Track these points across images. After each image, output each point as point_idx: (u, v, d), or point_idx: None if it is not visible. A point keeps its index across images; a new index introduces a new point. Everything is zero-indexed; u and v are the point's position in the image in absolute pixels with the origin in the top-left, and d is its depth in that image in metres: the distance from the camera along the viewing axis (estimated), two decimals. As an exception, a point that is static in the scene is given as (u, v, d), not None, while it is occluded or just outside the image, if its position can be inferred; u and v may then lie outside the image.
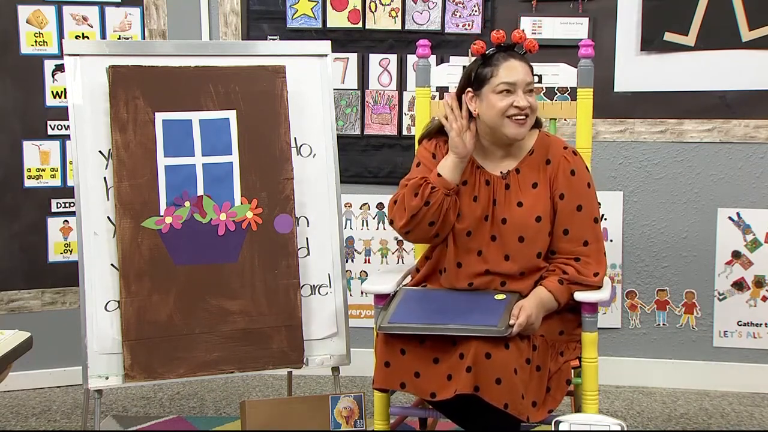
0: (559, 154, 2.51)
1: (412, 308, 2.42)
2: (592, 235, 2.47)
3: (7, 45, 3.51)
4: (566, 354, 2.44)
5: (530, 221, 2.45)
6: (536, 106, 2.46)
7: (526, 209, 2.45)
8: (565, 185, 2.48)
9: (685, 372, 3.59)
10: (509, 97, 2.42)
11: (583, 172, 2.51)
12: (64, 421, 3.28)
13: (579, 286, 2.41)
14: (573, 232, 2.46)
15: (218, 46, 3.35)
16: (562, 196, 2.47)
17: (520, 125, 2.44)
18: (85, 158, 2.78)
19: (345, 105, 3.67)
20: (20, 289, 3.59)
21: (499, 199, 2.48)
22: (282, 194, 2.91)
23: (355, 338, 3.17)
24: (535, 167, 2.50)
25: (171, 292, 2.79)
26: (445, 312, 2.37)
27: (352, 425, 2.81)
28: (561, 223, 2.47)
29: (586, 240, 2.46)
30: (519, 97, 2.42)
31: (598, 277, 2.44)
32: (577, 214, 2.47)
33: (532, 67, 2.47)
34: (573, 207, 2.47)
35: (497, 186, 2.50)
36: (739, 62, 3.44)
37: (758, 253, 3.52)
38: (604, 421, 1.92)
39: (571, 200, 2.47)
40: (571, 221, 2.46)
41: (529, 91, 2.44)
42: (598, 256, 2.46)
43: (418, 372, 2.33)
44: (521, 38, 2.47)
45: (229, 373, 2.83)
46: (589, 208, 2.49)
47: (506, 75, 2.42)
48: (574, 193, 2.48)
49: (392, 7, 3.61)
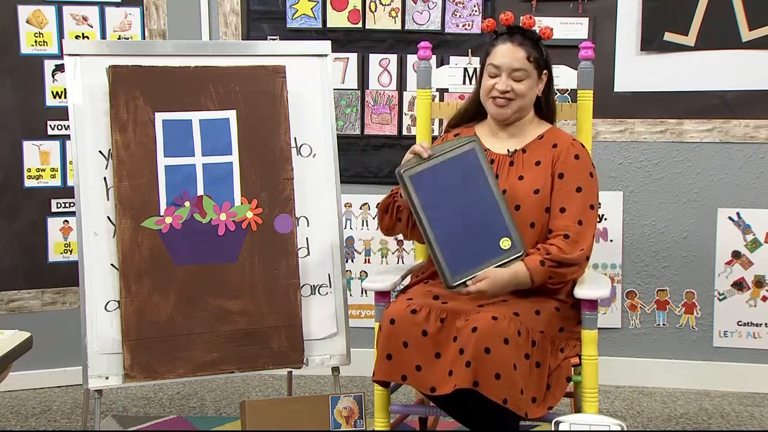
0: (567, 142, 2.59)
1: (440, 181, 2.43)
2: (587, 217, 2.50)
3: (7, 45, 3.51)
4: (566, 351, 2.45)
5: (528, 192, 2.51)
6: (522, 91, 2.53)
7: (525, 182, 2.52)
8: (567, 166, 2.53)
9: (685, 372, 3.59)
10: (494, 79, 2.54)
11: (586, 161, 2.57)
12: (64, 421, 3.28)
13: (561, 267, 2.42)
14: (570, 210, 2.49)
15: (218, 46, 3.35)
16: (561, 175, 2.52)
17: (499, 107, 2.55)
18: (85, 158, 2.78)
19: (345, 105, 3.67)
20: (20, 289, 3.59)
21: (502, 174, 2.55)
22: (282, 194, 2.91)
23: (355, 338, 3.17)
24: (541, 149, 2.58)
25: (171, 292, 2.79)
26: (451, 217, 2.42)
27: (352, 425, 2.81)
28: (558, 200, 2.51)
29: (580, 220, 2.48)
30: (501, 81, 2.52)
31: (582, 252, 2.45)
32: (575, 194, 2.50)
33: (534, 53, 2.52)
34: (572, 187, 2.51)
35: (502, 163, 2.57)
36: (739, 62, 3.45)
37: (758, 253, 3.52)
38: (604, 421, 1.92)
39: (571, 181, 2.52)
40: (569, 200, 2.50)
41: (518, 77, 2.51)
42: (586, 237, 2.48)
43: (420, 366, 2.34)
44: (530, 25, 2.55)
45: (229, 373, 2.83)
46: (589, 193, 2.52)
47: (494, 57, 2.54)
48: (575, 174, 2.53)
49: (392, 7, 3.62)
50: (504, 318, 2.29)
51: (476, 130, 2.67)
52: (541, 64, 2.55)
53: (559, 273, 2.43)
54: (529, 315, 2.37)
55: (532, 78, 2.54)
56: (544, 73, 2.58)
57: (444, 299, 2.42)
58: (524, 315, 2.35)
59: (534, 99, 2.60)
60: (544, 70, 2.58)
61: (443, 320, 2.36)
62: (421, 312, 2.37)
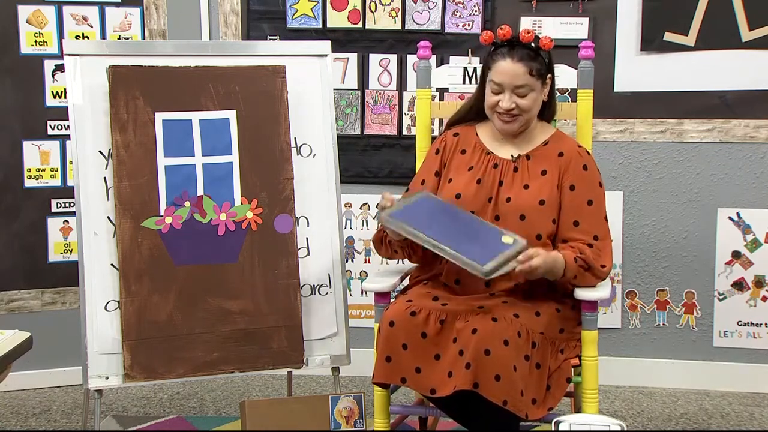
0: (573, 150, 2.56)
1: (420, 214, 2.40)
2: (602, 231, 2.50)
3: (7, 45, 3.51)
4: (566, 352, 2.44)
5: (533, 203, 2.47)
6: (527, 106, 2.50)
7: (531, 192, 2.48)
8: (577, 178, 2.51)
9: (685, 372, 3.59)
10: (497, 96, 2.50)
11: (594, 171, 2.56)
12: (64, 421, 3.28)
13: (588, 271, 2.42)
14: (584, 225, 2.48)
15: (218, 46, 3.34)
16: (572, 188, 2.50)
17: (505, 123, 2.53)
18: (85, 158, 2.78)
19: (345, 105, 3.67)
20: (20, 289, 3.59)
21: (506, 181, 2.53)
22: (282, 194, 2.91)
23: (355, 338, 3.17)
24: (547, 157, 2.55)
25: (171, 292, 2.79)
26: (448, 232, 2.36)
27: (352, 425, 2.81)
28: (570, 214, 2.49)
29: (596, 235, 2.48)
30: (504, 99, 2.49)
31: (605, 269, 2.46)
32: (587, 207, 2.49)
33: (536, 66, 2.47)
34: (583, 200, 2.50)
35: (505, 168, 2.55)
36: (739, 62, 3.44)
37: (758, 253, 3.52)
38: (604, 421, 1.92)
39: (581, 193, 2.50)
40: (581, 214, 2.49)
41: (521, 93, 2.48)
42: (607, 251, 2.48)
43: (419, 368, 2.34)
44: (529, 39, 2.48)
45: (229, 373, 2.83)
46: (600, 205, 2.52)
47: (495, 74, 2.50)
48: (586, 187, 2.51)
49: (392, 7, 3.61)
50: (504, 319, 2.29)
51: (477, 130, 2.65)
52: (543, 72, 2.50)
53: (585, 276, 2.43)
54: (529, 316, 2.37)
55: (536, 90, 2.50)
56: (548, 77, 2.54)
57: (444, 301, 2.42)
58: (524, 316, 2.35)
59: (540, 107, 2.56)
60: (548, 75, 2.54)
61: (443, 322, 2.35)
62: (421, 314, 2.36)
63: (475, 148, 2.61)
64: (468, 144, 2.63)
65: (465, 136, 2.65)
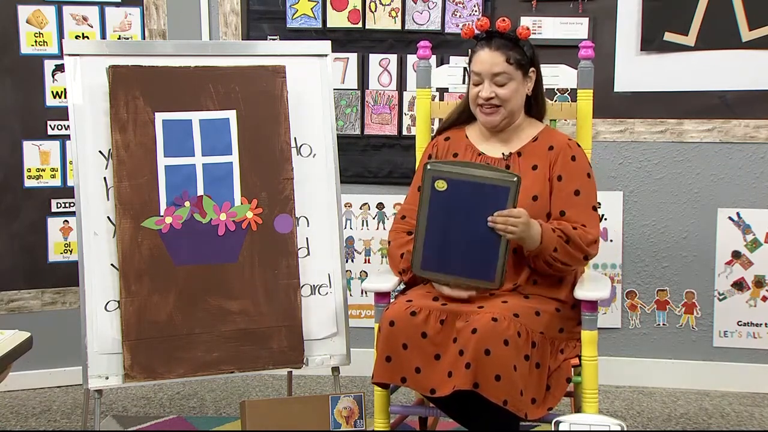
0: (563, 143, 2.57)
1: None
2: (590, 221, 2.50)
3: (7, 45, 3.51)
4: (566, 352, 2.45)
5: (527, 199, 2.47)
6: (506, 96, 2.51)
7: (523, 188, 2.45)
8: (564, 169, 2.52)
9: (685, 372, 3.59)
10: (477, 87, 2.53)
11: (583, 161, 2.56)
12: (64, 421, 3.28)
13: (570, 246, 2.41)
14: (570, 214, 2.49)
15: (218, 46, 3.34)
16: (559, 178, 2.51)
17: (486, 114, 2.54)
18: (85, 158, 2.78)
19: (345, 105, 3.67)
20: (20, 289, 3.59)
21: None
22: (282, 194, 2.91)
23: (355, 338, 3.17)
24: (537, 152, 2.56)
25: (171, 292, 2.79)
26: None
27: (352, 425, 2.81)
28: (558, 204, 2.50)
29: (584, 224, 2.48)
30: (484, 88, 2.51)
31: (590, 247, 2.45)
32: (574, 198, 2.50)
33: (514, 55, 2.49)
34: (570, 190, 2.50)
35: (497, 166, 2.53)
36: (739, 62, 3.44)
37: (758, 253, 3.52)
38: (604, 421, 1.92)
39: (568, 184, 2.50)
40: (568, 204, 2.49)
41: (500, 82, 2.49)
42: (594, 236, 2.48)
43: (419, 368, 2.34)
44: (505, 28, 2.51)
45: (229, 373, 2.83)
46: (587, 195, 2.52)
47: (474, 64, 2.53)
48: (573, 177, 2.51)
49: (392, 7, 3.62)
50: (504, 319, 2.29)
51: (467, 132, 2.66)
52: (524, 63, 2.51)
53: (566, 249, 2.41)
54: (528, 316, 2.37)
55: (516, 80, 2.51)
56: (531, 71, 2.55)
57: (444, 300, 2.42)
58: (524, 316, 2.35)
59: (523, 101, 2.58)
60: (530, 68, 2.55)
61: (443, 322, 2.35)
62: (421, 314, 2.37)
63: (467, 149, 2.62)
64: (459, 146, 2.64)
65: (455, 138, 2.66)
